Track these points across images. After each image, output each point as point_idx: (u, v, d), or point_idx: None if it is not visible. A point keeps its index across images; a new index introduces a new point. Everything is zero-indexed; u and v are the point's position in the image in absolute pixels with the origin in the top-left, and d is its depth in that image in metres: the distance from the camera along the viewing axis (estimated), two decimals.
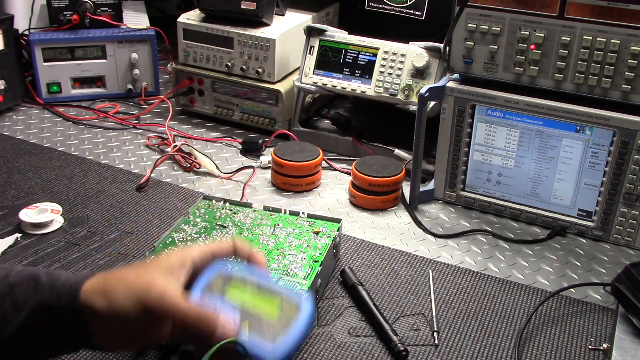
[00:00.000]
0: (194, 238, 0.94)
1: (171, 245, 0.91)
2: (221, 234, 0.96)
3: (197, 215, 0.99)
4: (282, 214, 0.99)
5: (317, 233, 0.95)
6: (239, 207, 1.01)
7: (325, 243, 0.94)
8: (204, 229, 0.96)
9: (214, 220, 0.98)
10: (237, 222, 0.98)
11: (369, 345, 0.84)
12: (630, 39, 0.96)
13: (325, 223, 0.98)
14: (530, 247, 1.06)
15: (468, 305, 0.92)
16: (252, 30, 1.36)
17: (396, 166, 1.17)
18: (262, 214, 1.00)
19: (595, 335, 0.87)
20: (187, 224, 0.97)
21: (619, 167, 1.02)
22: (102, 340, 0.62)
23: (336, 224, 0.98)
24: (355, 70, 1.28)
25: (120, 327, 0.61)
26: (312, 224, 0.97)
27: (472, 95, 1.08)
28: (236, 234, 0.95)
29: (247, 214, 1.00)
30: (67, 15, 1.47)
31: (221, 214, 0.99)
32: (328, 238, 0.95)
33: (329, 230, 0.96)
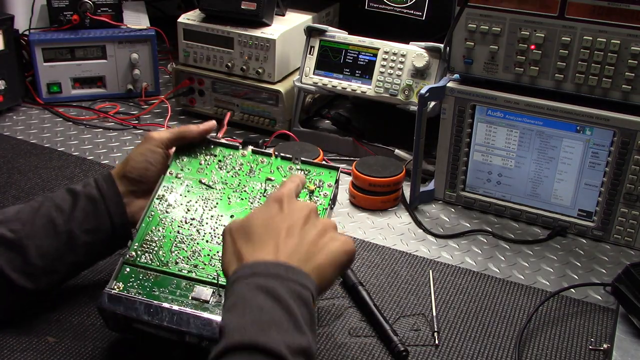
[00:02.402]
0: (176, 211, 0.84)
1: (154, 225, 0.83)
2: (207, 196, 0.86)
3: (178, 168, 0.88)
4: (273, 157, 0.88)
5: (312, 192, 0.85)
6: (225, 151, 0.89)
7: (321, 205, 0.84)
8: (187, 192, 0.86)
9: (197, 174, 0.87)
10: (224, 177, 0.87)
11: (369, 345, 0.84)
12: (630, 39, 0.96)
13: (321, 172, 0.87)
14: (530, 247, 1.06)
15: (468, 305, 0.92)
16: (252, 30, 1.36)
17: (396, 166, 1.17)
18: (251, 160, 0.88)
19: (595, 335, 0.87)
20: (168, 182, 0.86)
21: (619, 167, 1.02)
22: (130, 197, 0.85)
23: (333, 173, 0.87)
24: (355, 70, 1.28)
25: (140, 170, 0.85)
26: (307, 174, 0.87)
27: (472, 95, 1.08)
28: (223, 201, 0.85)
29: (235, 160, 0.88)
30: (67, 15, 1.47)
31: (205, 162, 0.88)
32: (325, 197, 0.85)
33: (325, 184, 0.86)
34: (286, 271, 0.61)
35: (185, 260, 0.79)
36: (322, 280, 0.64)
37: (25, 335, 0.82)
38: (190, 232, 0.82)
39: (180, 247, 0.81)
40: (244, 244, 0.65)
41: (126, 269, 0.79)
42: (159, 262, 0.79)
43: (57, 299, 0.89)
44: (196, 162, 0.89)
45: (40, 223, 0.79)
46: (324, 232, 0.67)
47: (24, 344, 0.80)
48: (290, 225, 0.66)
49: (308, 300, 0.60)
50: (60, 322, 0.85)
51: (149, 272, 0.78)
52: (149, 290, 0.77)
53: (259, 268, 0.61)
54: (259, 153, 0.89)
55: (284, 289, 0.59)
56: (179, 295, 0.76)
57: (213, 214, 0.84)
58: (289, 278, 0.61)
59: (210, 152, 0.90)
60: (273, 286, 0.59)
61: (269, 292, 0.59)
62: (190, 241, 0.81)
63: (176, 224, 0.82)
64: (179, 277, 0.78)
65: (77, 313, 0.86)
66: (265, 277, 0.60)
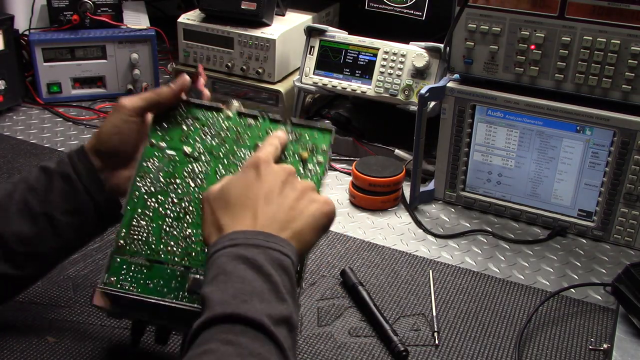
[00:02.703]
0: (162, 189, 0.76)
1: (140, 207, 0.76)
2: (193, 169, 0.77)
3: (158, 137, 0.78)
4: (261, 120, 0.78)
5: (305, 160, 0.76)
6: (208, 113, 0.80)
7: (315, 175, 0.76)
8: (171, 167, 0.77)
9: (180, 144, 0.78)
10: (209, 146, 0.78)
11: (369, 345, 0.84)
12: (630, 39, 0.96)
13: (314, 135, 0.78)
14: (530, 247, 1.06)
15: (468, 305, 0.92)
16: (252, 30, 1.36)
17: (396, 166, 1.17)
18: (238, 123, 0.79)
19: (595, 335, 0.87)
20: (150, 155, 0.78)
21: (619, 167, 1.02)
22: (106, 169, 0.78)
23: (327, 135, 0.78)
24: (355, 70, 1.28)
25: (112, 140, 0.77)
26: (299, 138, 0.77)
27: (472, 95, 1.08)
28: (211, 174, 0.77)
29: (219, 125, 0.79)
30: (67, 15, 1.47)
31: (188, 128, 0.79)
32: (319, 165, 0.76)
33: (318, 148, 0.77)
34: (266, 240, 0.61)
35: (177, 247, 0.74)
36: (302, 244, 0.64)
37: (25, 335, 0.82)
38: (179, 214, 0.75)
39: (170, 233, 0.74)
40: (223, 214, 0.64)
41: (117, 259, 0.73)
42: (150, 250, 0.74)
43: (57, 298, 0.89)
44: (178, 130, 0.79)
45: (16, 209, 0.75)
46: (302, 195, 0.66)
47: (24, 344, 0.80)
48: (268, 192, 0.65)
49: (289, 268, 0.61)
50: (60, 322, 0.85)
51: (141, 263, 0.73)
52: (142, 283, 0.72)
53: (238, 238, 0.61)
54: (245, 115, 0.79)
55: (264, 258, 0.60)
56: (174, 287, 0.72)
57: (199, 192, 0.76)
58: (268, 246, 0.61)
59: (192, 116, 0.80)
60: (253, 256, 0.59)
61: (250, 262, 0.59)
62: (179, 224, 0.75)
63: (163, 205, 0.75)
64: (173, 266, 0.73)
65: (77, 313, 0.86)
66: (246, 247, 0.60)
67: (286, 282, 0.60)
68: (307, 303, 0.91)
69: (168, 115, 0.80)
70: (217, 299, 0.57)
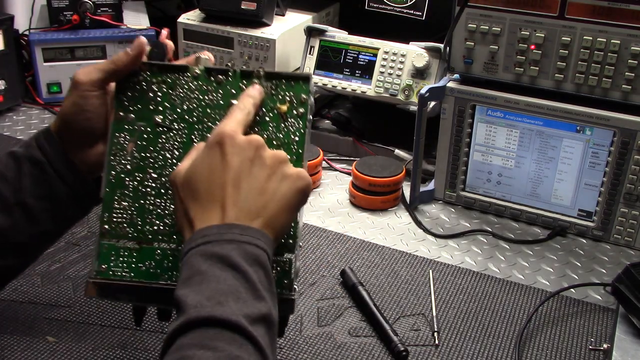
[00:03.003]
0: (138, 165, 0.71)
1: (119, 188, 0.71)
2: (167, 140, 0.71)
3: (126, 108, 0.72)
4: (231, 77, 0.71)
5: (285, 114, 0.70)
6: (173, 75, 0.72)
7: (298, 129, 0.70)
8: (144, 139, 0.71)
9: (150, 113, 0.72)
10: (181, 111, 0.71)
11: (369, 345, 0.84)
12: (630, 39, 0.96)
13: (290, 85, 0.71)
14: (530, 247, 1.06)
15: (468, 305, 0.92)
16: (252, 30, 1.36)
17: (396, 166, 1.17)
18: (207, 82, 0.72)
19: (595, 335, 0.87)
20: (120, 130, 0.71)
21: (619, 167, 1.02)
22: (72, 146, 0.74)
23: (305, 83, 0.71)
24: (355, 70, 1.28)
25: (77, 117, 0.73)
26: (275, 91, 0.71)
27: (472, 95, 1.08)
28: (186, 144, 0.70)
29: (188, 86, 0.72)
30: (67, 15, 1.47)
31: (155, 94, 0.72)
32: (300, 118, 0.70)
33: (297, 99, 0.70)
34: (240, 234, 0.58)
35: (164, 225, 0.70)
36: (276, 230, 0.62)
37: (25, 335, 0.82)
38: (160, 190, 0.70)
39: (154, 211, 0.70)
40: (192, 204, 0.61)
41: (105, 245, 0.70)
42: (137, 232, 0.70)
43: (57, 298, 0.89)
44: (144, 97, 0.72)
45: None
46: (273, 172, 0.62)
47: (24, 344, 0.80)
48: (235, 176, 0.61)
49: (264, 262, 0.59)
50: (60, 322, 0.85)
51: (130, 246, 0.70)
52: (135, 267, 0.69)
53: (211, 235, 0.58)
54: (213, 71, 0.72)
55: (238, 254, 0.57)
56: (167, 267, 0.69)
57: (178, 163, 0.67)
58: (243, 240, 0.58)
59: (157, 79, 0.73)
60: (227, 253, 0.57)
61: (224, 260, 0.57)
62: (163, 201, 0.70)
63: (142, 183, 0.71)
64: (162, 245, 0.70)
65: (77, 313, 0.86)
66: (219, 244, 0.58)
67: (262, 278, 0.58)
68: (307, 303, 0.91)
69: (131, 82, 0.73)
70: (191, 302, 0.55)
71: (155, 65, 0.73)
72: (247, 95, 0.68)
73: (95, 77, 0.72)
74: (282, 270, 0.67)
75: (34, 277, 0.93)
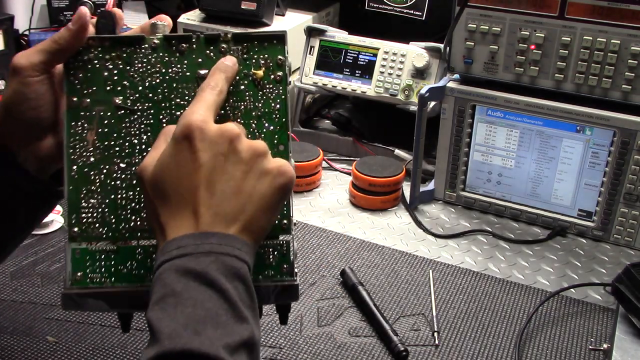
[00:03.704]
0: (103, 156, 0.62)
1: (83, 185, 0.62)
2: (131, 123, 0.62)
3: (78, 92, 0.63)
4: (195, 45, 0.63)
5: (261, 79, 0.63)
6: (129, 49, 0.63)
7: (278, 94, 0.63)
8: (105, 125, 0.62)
9: (107, 94, 0.63)
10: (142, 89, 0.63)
11: (369, 345, 0.84)
12: (630, 39, 0.96)
13: (263, 46, 0.64)
14: (530, 247, 1.06)
15: (468, 305, 0.92)
16: (252, 30, 1.36)
17: (396, 166, 1.17)
18: (168, 53, 0.63)
19: (595, 335, 0.87)
20: (75, 117, 0.62)
21: (619, 167, 1.02)
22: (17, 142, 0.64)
23: (280, 43, 0.65)
24: (355, 70, 1.28)
25: None
26: (247, 54, 0.63)
27: (472, 95, 1.08)
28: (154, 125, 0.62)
29: (147, 61, 0.63)
30: (67, 15, 1.47)
31: (110, 73, 0.63)
32: (279, 83, 0.63)
33: (273, 62, 0.64)
34: (218, 243, 0.52)
35: (141, 219, 0.62)
36: (256, 234, 0.55)
37: (25, 335, 0.82)
38: (132, 181, 0.62)
39: (128, 205, 0.62)
40: (162, 207, 0.55)
41: (76, 251, 0.61)
42: (111, 231, 0.62)
43: (57, 298, 0.89)
44: (99, 77, 0.63)
45: None
46: (250, 168, 0.55)
47: (24, 344, 0.80)
48: (208, 174, 0.54)
49: (245, 276, 0.53)
50: (60, 322, 0.85)
51: (106, 248, 0.61)
52: (114, 271, 0.61)
53: (187, 246, 0.52)
54: (174, 39, 0.64)
55: (216, 268, 0.51)
56: (151, 266, 0.61)
57: (148, 149, 0.62)
58: (221, 251, 0.52)
59: (110, 55, 0.63)
60: (204, 268, 0.51)
61: (201, 277, 0.50)
62: (136, 193, 0.62)
63: (110, 175, 0.62)
64: (142, 242, 0.62)
65: (77, 313, 0.86)
66: (196, 257, 0.51)
67: (243, 294, 0.52)
68: (307, 303, 0.91)
69: (81, 62, 0.63)
70: (166, 329, 0.48)
71: (105, 39, 0.63)
72: (217, 69, 0.60)
73: (37, 59, 0.62)
74: (279, 254, 0.61)
75: (34, 277, 0.93)
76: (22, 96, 0.62)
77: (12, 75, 0.62)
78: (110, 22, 0.64)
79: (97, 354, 0.80)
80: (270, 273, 0.61)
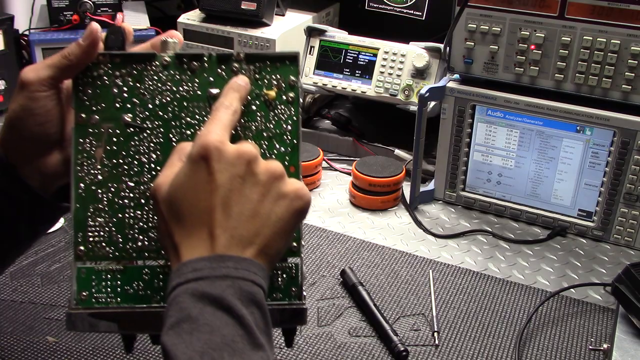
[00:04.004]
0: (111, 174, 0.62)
1: (91, 202, 0.61)
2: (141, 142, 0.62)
3: (87, 108, 0.62)
4: (207, 63, 0.62)
5: (273, 101, 0.62)
6: (140, 66, 0.63)
7: (290, 115, 0.62)
8: (113, 143, 0.62)
9: (116, 112, 0.62)
10: (153, 107, 0.62)
11: (369, 345, 0.84)
12: (630, 39, 0.96)
13: (276, 67, 0.62)
14: (530, 247, 1.06)
15: (468, 305, 0.92)
16: (252, 30, 1.36)
17: (396, 166, 1.17)
18: (179, 71, 0.62)
19: (595, 335, 0.87)
20: (83, 135, 0.61)
21: (619, 167, 1.02)
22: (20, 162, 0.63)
23: (293, 64, 0.63)
24: (355, 70, 1.28)
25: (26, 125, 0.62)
26: (259, 74, 0.62)
27: (472, 95, 1.08)
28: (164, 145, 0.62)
29: (158, 78, 0.62)
30: (67, 15, 1.47)
31: (120, 90, 0.62)
32: (291, 104, 0.62)
33: (285, 83, 0.62)
34: (234, 267, 0.52)
35: (149, 240, 0.62)
36: (271, 258, 0.55)
37: (25, 335, 0.82)
38: (140, 200, 0.62)
39: (136, 225, 0.62)
40: (176, 228, 0.54)
41: (82, 270, 0.61)
42: (118, 251, 0.61)
43: (56, 298, 0.89)
44: (108, 94, 0.62)
45: None
46: (267, 190, 0.54)
47: (24, 344, 0.80)
48: (225, 198, 0.53)
49: (261, 301, 0.52)
50: (60, 322, 0.85)
51: (112, 267, 0.61)
52: (121, 291, 0.61)
53: (203, 269, 0.51)
54: (185, 57, 0.63)
55: (233, 293, 0.50)
56: (158, 287, 0.61)
57: (157, 168, 0.62)
58: (238, 276, 0.51)
59: (121, 71, 0.62)
60: (220, 293, 0.50)
61: (217, 302, 0.50)
62: (144, 212, 0.62)
63: (117, 194, 0.62)
64: (150, 262, 0.62)
65: None
66: (212, 282, 0.51)
67: (259, 320, 0.51)
68: (307, 303, 0.91)
69: (90, 78, 0.63)
70: (182, 357, 0.47)
71: (116, 55, 0.62)
72: (231, 89, 0.60)
73: (45, 74, 0.61)
74: (288, 276, 0.61)
75: (34, 277, 0.93)
76: (29, 111, 0.62)
77: (20, 89, 0.62)
78: (120, 37, 0.64)
79: (97, 354, 0.80)
80: (279, 296, 0.61)
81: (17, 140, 0.63)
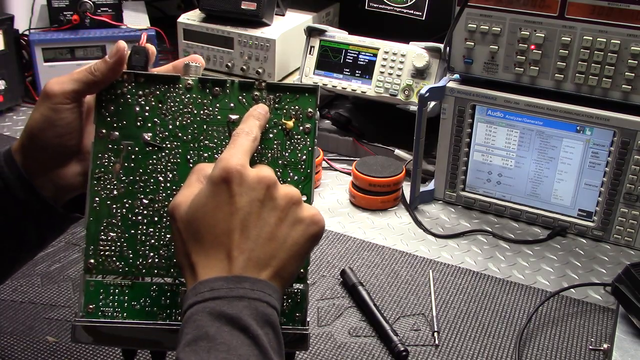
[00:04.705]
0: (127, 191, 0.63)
1: (105, 217, 0.63)
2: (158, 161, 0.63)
3: (108, 124, 0.63)
4: (229, 89, 0.64)
5: (290, 130, 0.64)
6: (163, 87, 0.64)
7: (305, 145, 0.64)
8: (132, 160, 0.63)
9: (136, 129, 0.63)
10: (173, 128, 0.63)
11: (369, 345, 0.84)
12: (630, 39, 0.96)
13: (295, 98, 0.65)
14: (530, 247, 1.06)
15: (468, 305, 0.92)
16: (252, 30, 1.36)
17: (396, 166, 1.17)
18: (201, 95, 0.64)
19: (595, 335, 0.87)
20: (102, 149, 0.63)
21: (619, 167, 1.02)
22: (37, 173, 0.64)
23: (312, 96, 0.65)
24: (355, 70, 1.28)
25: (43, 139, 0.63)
26: (278, 104, 0.64)
27: (472, 95, 1.08)
28: (181, 165, 0.63)
29: (180, 100, 0.64)
30: (67, 15, 1.47)
31: (142, 108, 0.64)
32: (307, 134, 0.64)
33: (304, 112, 0.64)
34: (251, 288, 0.53)
35: (159, 257, 0.63)
36: (285, 280, 0.57)
37: (25, 335, 0.82)
38: (153, 218, 0.63)
39: (147, 242, 0.63)
40: (194, 247, 0.55)
41: (91, 283, 0.62)
42: (128, 266, 0.63)
43: (56, 298, 0.89)
44: (130, 112, 0.64)
45: None
46: (285, 215, 0.56)
47: (24, 344, 0.80)
48: (244, 220, 0.55)
49: (275, 322, 0.54)
50: (60, 322, 0.85)
51: (120, 282, 0.63)
52: (127, 306, 0.62)
53: (220, 289, 0.52)
54: (208, 82, 0.64)
55: (249, 314, 0.52)
56: (165, 305, 0.62)
57: (172, 187, 0.64)
58: (254, 297, 0.53)
59: (145, 91, 0.64)
60: (237, 314, 0.51)
61: (234, 322, 0.51)
62: (156, 230, 0.63)
63: (132, 210, 0.63)
64: (158, 280, 0.63)
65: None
66: (229, 302, 0.52)
67: (273, 341, 0.53)
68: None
69: (114, 95, 0.64)
70: None
71: (141, 75, 0.64)
72: (251, 116, 0.61)
73: (70, 88, 0.63)
74: (293, 302, 0.62)
75: (34, 277, 0.93)
76: (50, 122, 0.63)
77: (42, 100, 0.63)
78: (144, 57, 0.65)
79: (97, 354, 0.80)
80: (283, 320, 0.62)
81: (36, 150, 0.64)
